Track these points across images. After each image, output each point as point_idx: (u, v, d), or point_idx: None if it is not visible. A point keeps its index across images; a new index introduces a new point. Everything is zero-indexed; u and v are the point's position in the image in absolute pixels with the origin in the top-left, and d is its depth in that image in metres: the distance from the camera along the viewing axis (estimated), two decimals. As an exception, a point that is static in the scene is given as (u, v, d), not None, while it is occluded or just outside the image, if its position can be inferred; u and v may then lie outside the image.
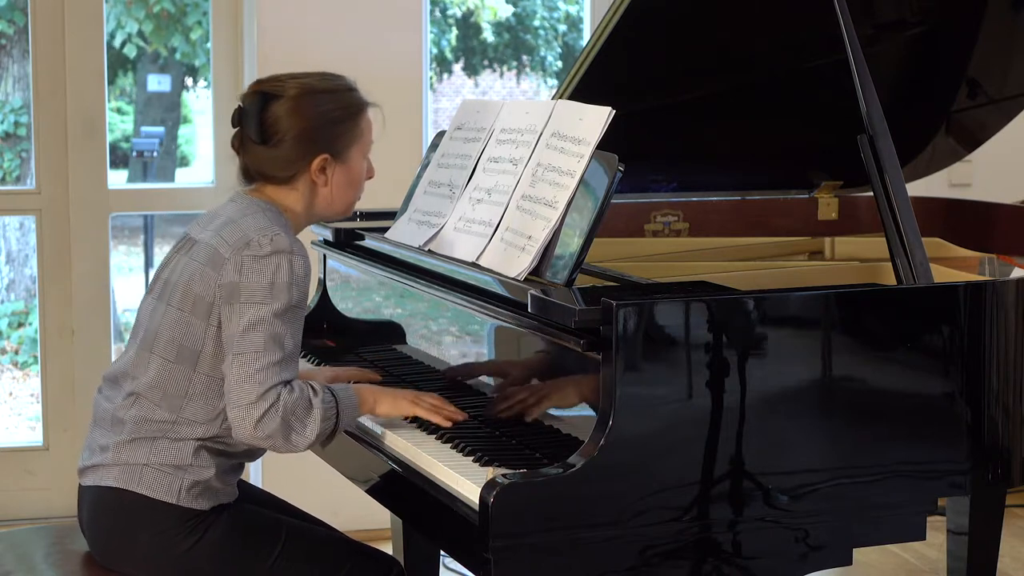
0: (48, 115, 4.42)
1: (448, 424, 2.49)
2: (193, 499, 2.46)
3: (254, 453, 2.55)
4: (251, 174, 2.59)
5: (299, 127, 2.52)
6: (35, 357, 5.50)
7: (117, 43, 8.30)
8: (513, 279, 2.45)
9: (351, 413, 2.49)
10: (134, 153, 10.84)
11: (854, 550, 2.41)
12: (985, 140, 3.72)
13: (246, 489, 2.73)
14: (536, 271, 2.45)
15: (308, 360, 3.07)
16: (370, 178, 2.67)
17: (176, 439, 2.46)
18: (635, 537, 2.21)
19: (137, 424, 2.47)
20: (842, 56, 2.66)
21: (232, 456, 2.52)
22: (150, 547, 2.45)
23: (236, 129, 2.58)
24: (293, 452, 2.44)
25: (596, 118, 2.48)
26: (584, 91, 3.04)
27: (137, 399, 2.48)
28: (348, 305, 3.18)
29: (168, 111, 11.08)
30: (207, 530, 2.46)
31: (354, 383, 2.64)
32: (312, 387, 2.45)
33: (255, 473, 4.50)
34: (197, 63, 9.71)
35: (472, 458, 2.38)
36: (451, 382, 2.70)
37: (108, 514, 2.49)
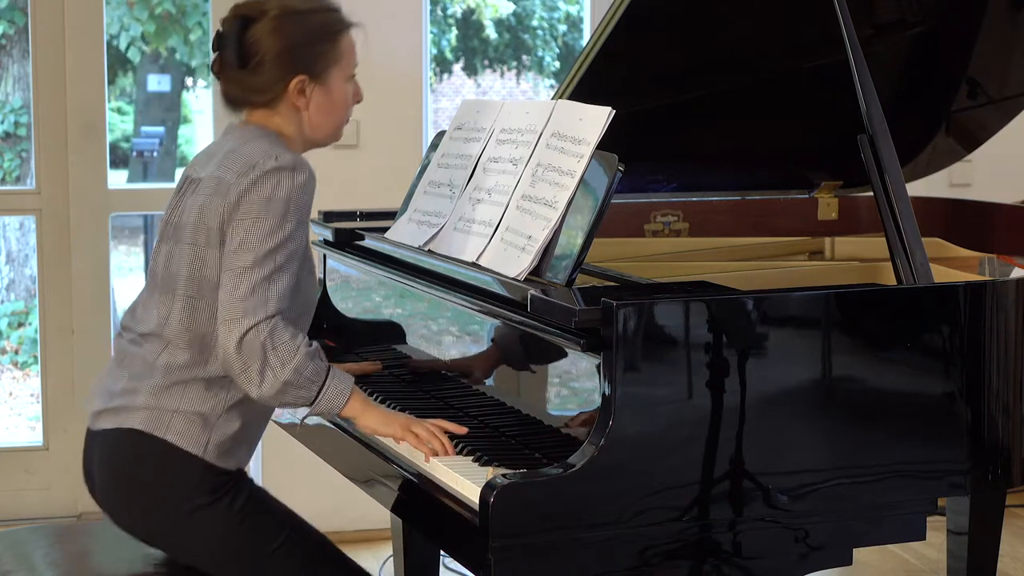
0: (48, 115, 4.43)
1: (432, 454, 2.39)
2: (218, 456, 2.44)
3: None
4: (232, 100, 2.55)
5: (278, 47, 2.48)
6: (35, 357, 5.51)
7: (122, 46, 8.30)
8: (513, 279, 2.45)
9: (336, 397, 2.42)
10: (134, 153, 10.86)
11: (854, 550, 2.42)
12: (985, 140, 3.72)
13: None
14: (536, 271, 2.45)
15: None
16: (358, 102, 2.62)
17: (208, 385, 2.43)
18: (635, 537, 2.21)
19: (168, 370, 2.44)
20: (842, 56, 2.66)
21: (255, 406, 2.47)
22: (168, 499, 2.42)
23: (216, 54, 2.53)
24: (261, 393, 2.35)
25: (596, 118, 2.48)
26: (584, 91, 3.04)
27: (167, 345, 2.45)
28: (348, 305, 3.18)
29: (168, 111, 11.09)
30: (226, 493, 2.44)
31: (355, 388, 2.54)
32: (310, 342, 2.41)
33: (255, 474, 4.50)
34: (195, 63, 9.71)
35: (472, 458, 2.38)
36: (451, 381, 2.70)
37: (127, 457, 2.45)
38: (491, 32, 9.71)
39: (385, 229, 2.96)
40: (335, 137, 2.63)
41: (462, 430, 2.45)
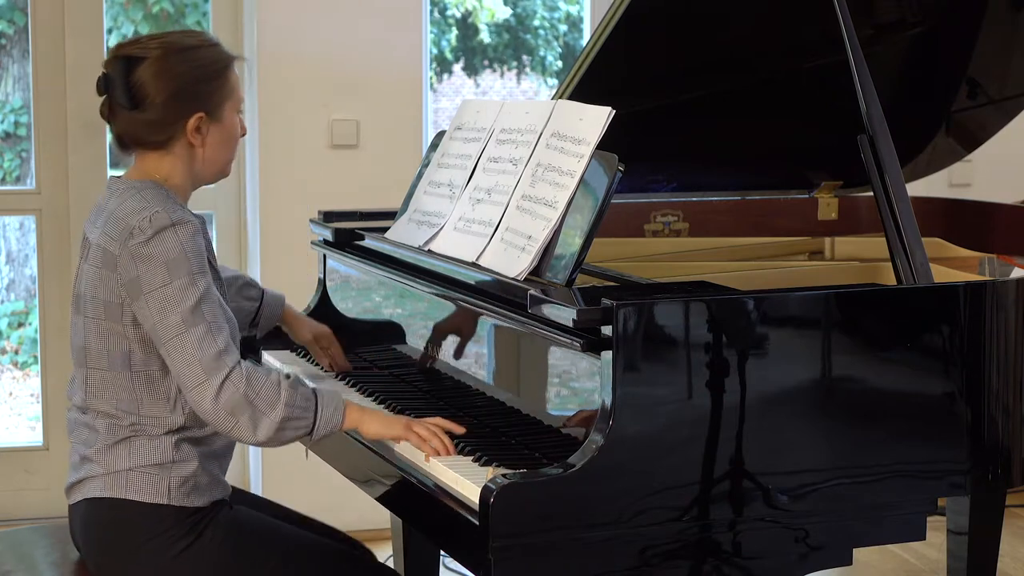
0: (48, 115, 4.43)
1: (435, 454, 2.39)
2: (185, 496, 2.43)
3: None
4: (127, 141, 2.52)
5: (170, 88, 2.46)
6: (35, 357, 5.50)
7: (111, 44, 8.28)
8: (513, 279, 2.45)
9: (334, 414, 2.42)
10: (134, 153, 10.83)
11: (854, 550, 2.42)
12: (985, 140, 3.72)
13: (244, 496, 2.71)
14: (536, 271, 2.45)
15: (299, 355, 3.08)
16: (243, 135, 2.61)
17: (151, 436, 2.43)
18: (635, 537, 2.21)
19: (111, 432, 2.45)
20: (842, 56, 2.66)
21: (211, 442, 2.48)
22: (149, 552, 2.42)
23: (104, 97, 2.50)
24: (259, 440, 2.36)
25: (596, 118, 2.48)
26: (584, 91, 3.04)
27: (98, 413, 2.47)
28: (348, 305, 3.18)
29: (168, 111, 11.05)
30: (205, 528, 2.44)
31: (346, 399, 2.53)
32: (286, 375, 2.41)
33: (255, 474, 4.49)
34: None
35: (472, 458, 2.38)
36: (451, 381, 2.70)
37: (101, 525, 2.46)
38: (485, 37, 9.71)
39: (385, 229, 2.96)
40: (224, 173, 2.60)
41: (461, 429, 2.45)
